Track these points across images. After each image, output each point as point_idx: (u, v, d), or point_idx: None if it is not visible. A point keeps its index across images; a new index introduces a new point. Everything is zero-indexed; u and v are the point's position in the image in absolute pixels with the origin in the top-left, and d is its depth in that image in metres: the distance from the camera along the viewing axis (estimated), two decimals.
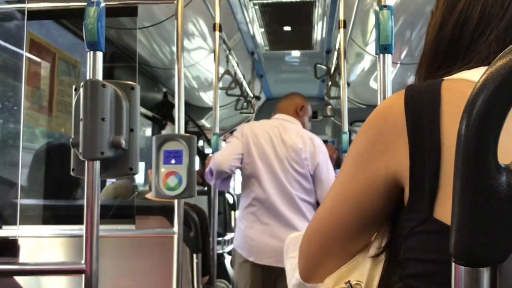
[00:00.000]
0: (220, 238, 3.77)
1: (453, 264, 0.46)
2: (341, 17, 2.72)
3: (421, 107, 0.62)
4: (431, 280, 0.58)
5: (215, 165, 2.42)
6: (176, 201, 1.74)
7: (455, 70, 0.69)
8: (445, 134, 0.59)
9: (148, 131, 4.41)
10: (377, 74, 1.28)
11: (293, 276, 0.91)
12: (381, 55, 1.27)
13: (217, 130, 2.78)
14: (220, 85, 3.50)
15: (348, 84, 2.97)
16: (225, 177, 2.53)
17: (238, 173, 2.56)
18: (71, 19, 2.39)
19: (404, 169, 0.62)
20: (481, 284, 0.45)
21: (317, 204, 2.48)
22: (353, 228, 0.70)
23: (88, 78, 1.24)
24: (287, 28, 4.11)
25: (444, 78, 0.65)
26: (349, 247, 0.72)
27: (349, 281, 0.70)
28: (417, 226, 0.60)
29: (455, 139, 0.58)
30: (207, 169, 2.50)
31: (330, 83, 3.92)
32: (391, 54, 1.27)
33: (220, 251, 3.68)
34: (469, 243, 0.45)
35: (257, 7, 3.59)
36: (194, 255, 2.05)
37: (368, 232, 0.71)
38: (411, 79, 3.43)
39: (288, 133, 2.48)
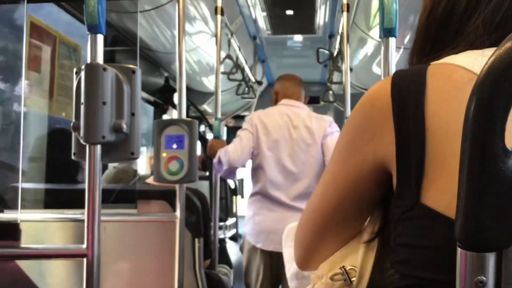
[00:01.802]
0: (221, 223, 3.78)
1: (458, 249, 0.46)
2: (345, 0, 2.69)
3: (407, 92, 0.62)
4: (420, 265, 0.59)
5: (229, 162, 2.42)
6: (177, 185, 1.74)
7: (443, 55, 0.69)
8: (429, 120, 0.59)
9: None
10: (381, 58, 1.27)
11: (291, 265, 0.92)
12: (385, 38, 1.26)
13: (219, 115, 2.77)
14: (222, 69, 3.48)
15: (351, 69, 2.95)
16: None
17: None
18: (71, 1, 2.37)
19: (391, 155, 0.62)
20: (486, 269, 0.44)
21: None
22: (345, 215, 0.71)
23: (88, 61, 1.23)
24: (289, 12, 4.07)
25: (431, 63, 0.66)
26: (342, 233, 0.73)
27: (343, 266, 0.71)
28: (405, 212, 0.60)
29: (439, 124, 0.58)
30: (215, 160, 2.50)
31: (332, 68, 3.89)
32: (395, 37, 1.25)
33: (222, 236, 3.70)
34: (475, 228, 0.44)
35: None
36: (196, 239, 2.05)
37: (360, 218, 0.72)
38: None
39: (299, 117, 2.49)
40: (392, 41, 1.26)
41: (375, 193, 0.68)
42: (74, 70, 1.29)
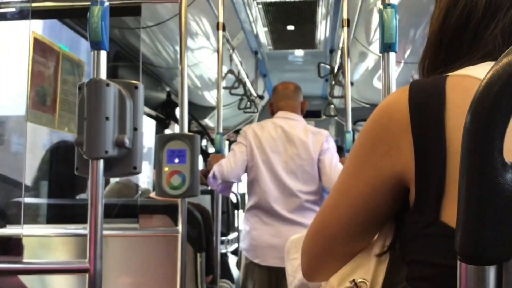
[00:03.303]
0: (223, 238, 3.76)
1: (458, 262, 0.46)
2: (345, 16, 2.71)
3: (426, 106, 0.60)
4: (437, 283, 0.58)
5: (222, 176, 2.40)
6: (179, 200, 1.74)
7: (459, 65, 0.67)
8: (450, 135, 0.57)
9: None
10: (381, 72, 1.28)
11: (295, 277, 0.90)
12: (385, 53, 1.27)
13: (221, 130, 2.78)
14: (224, 84, 3.50)
15: (352, 83, 2.96)
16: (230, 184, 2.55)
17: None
18: (75, 18, 2.40)
19: (410, 170, 0.60)
20: (487, 282, 0.44)
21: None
22: (356, 228, 0.69)
23: (92, 77, 1.25)
24: (290, 27, 4.10)
25: (449, 74, 0.63)
26: (352, 246, 0.72)
27: (353, 280, 0.70)
28: (423, 228, 0.59)
29: (460, 139, 0.57)
30: (210, 174, 2.49)
31: (333, 82, 3.91)
32: (395, 52, 1.26)
33: (224, 251, 3.68)
34: (475, 241, 0.44)
35: (260, 6, 3.59)
36: (198, 254, 2.05)
37: (371, 231, 0.71)
38: (415, 78, 3.42)
39: (294, 130, 2.46)
40: (392, 56, 1.27)
41: (390, 207, 0.66)
42: (78, 86, 1.31)
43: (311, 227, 0.75)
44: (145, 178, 4.45)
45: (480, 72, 0.61)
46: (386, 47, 1.25)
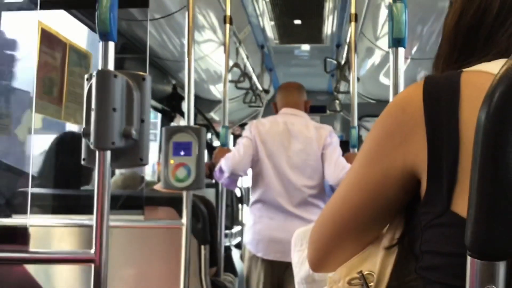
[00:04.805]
0: (227, 231, 3.77)
1: (468, 257, 0.46)
2: (353, 10, 2.70)
3: (440, 100, 0.61)
4: (448, 272, 0.58)
5: (230, 169, 2.43)
6: (184, 192, 1.75)
7: (473, 62, 0.68)
8: (463, 128, 0.58)
9: None
10: (390, 67, 1.27)
11: (301, 269, 0.91)
12: (394, 48, 1.26)
13: (227, 123, 2.78)
14: (230, 78, 3.50)
15: (358, 79, 2.95)
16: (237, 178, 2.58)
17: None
18: (83, 8, 2.40)
19: (422, 162, 0.61)
20: (497, 278, 0.44)
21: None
22: (366, 218, 0.70)
23: (99, 68, 1.25)
24: (297, 22, 4.09)
25: (464, 70, 0.65)
26: (361, 237, 0.72)
27: (361, 271, 0.70)
28: (434, 219, 0.60)
29: (473, 132, 0.58)
30: (217, 168, 2.50)
31: (339, 77, 3.90)
32: (404, 47, 1.26)
33: (227, 244, 3.69)
34: (485, 236, 0.44)
35: (267, 0, 3.58)
36: (202, 247, 2.05)
37: (381, 223, 0.71)
38: (422, 75, 3.41)
39: (297, 126, 2.49)
40: (401, 51, 1.26)
41: (401, 199, 0.67)
42: (85, 76, 1.31)
43: (321, 217, 0.76)
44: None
45: (495, 68, 0.62)
46: (395, 42, 1.25)
